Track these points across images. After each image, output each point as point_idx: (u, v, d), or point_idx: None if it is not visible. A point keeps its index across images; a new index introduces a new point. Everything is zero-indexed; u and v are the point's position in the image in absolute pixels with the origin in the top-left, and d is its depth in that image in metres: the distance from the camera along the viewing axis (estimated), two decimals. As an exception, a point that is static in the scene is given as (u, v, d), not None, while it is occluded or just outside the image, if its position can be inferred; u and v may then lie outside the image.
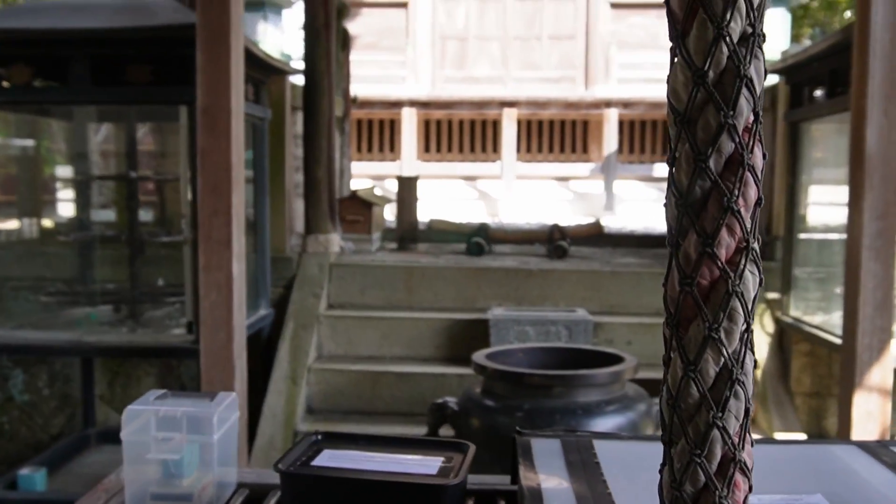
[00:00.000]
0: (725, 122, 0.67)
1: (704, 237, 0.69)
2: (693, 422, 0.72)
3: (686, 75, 0.69)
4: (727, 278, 0.70)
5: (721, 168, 0.69)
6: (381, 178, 10.96)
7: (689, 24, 0.68)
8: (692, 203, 0.70)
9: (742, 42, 0.68)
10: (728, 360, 0.70)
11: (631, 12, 11.86)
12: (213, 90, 3.28)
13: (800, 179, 4.78)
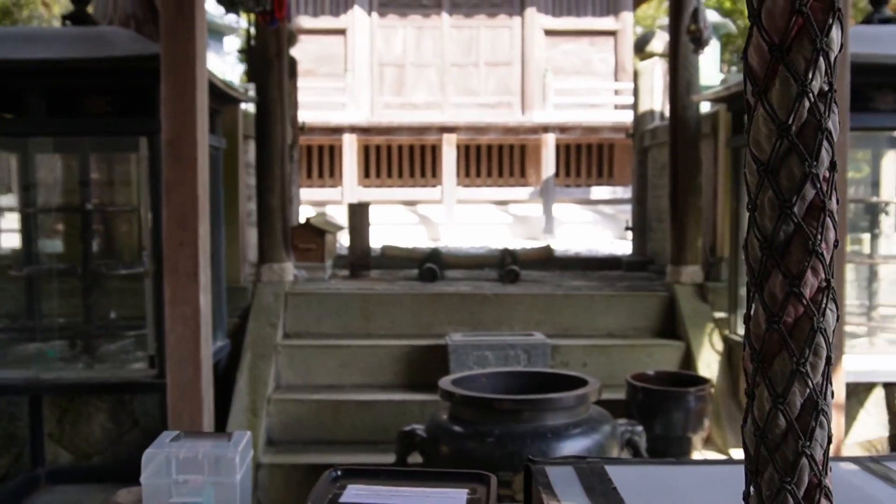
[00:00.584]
0: (809, 171, 0.73)
1: (791, 278, 0.75)
2: (780, 451, 0.77)
3: (770, 128, 0.75)
4: (812, 315, 0.75)
5: (803, 213, 0.75)
6: (322, 205, 10.94)
7: (771, 80, 0.74)
8: (777, 246, 0.75)
9: (821, 97, 0.74)
10: (813, 391, 0.75)
11: (564, 39, 12.14)
12: (178, 122, 3.25)
13: (742, 202, 4.95)
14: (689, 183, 5.39)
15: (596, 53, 12.20)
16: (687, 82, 5.40)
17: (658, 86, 6.77)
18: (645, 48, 6.83)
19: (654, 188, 6.68)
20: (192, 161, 3.27)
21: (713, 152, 5.56)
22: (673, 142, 5.48)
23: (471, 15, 11.98)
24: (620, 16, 12.16)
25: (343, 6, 11.73)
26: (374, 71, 11.83)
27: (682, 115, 5.41)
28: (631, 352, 4.90)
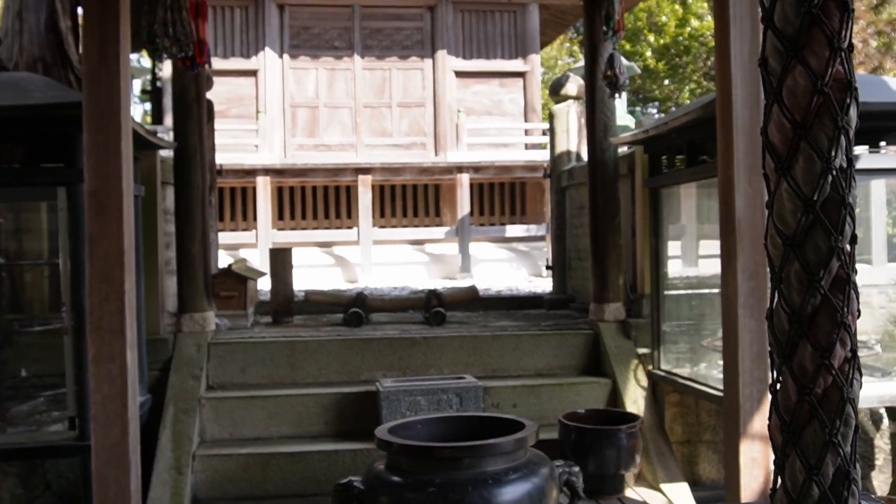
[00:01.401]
0: (835, 245, 0.75)
1: (821, 350, 0.76)
2: (815, 520, 0.77)
3: (794, 203, 0.77)
4: (841, 386, 0.77)
5: (829, 286, 0.76)
6: (236, 248, 10.72)
7: (794, 157, 0.76)
8: (804, 319, 0.77)
9: (842, 172, 0.76)
10: (844, 461, 0.77)
11: (474, 81, 12.33)
12: (102, 172, 3.14)
13: (662, 240, 5.10)
14: (609, 223, 5.51)
15: (506, 94, 12.43)
16: (604, 125, 5.55)
17: (573, 127, 6.93)
18: (560, 91, 6.99)
19: (573, 227, 6.80)
20: (118, 213, 3.16)
21: (630, 192, 5.70)
22: (592, 183, 5.60)
23: (382, 57, 12.06)
24: (528, 58, 12.44)
25: (254, 48, 11.63)
26: (287, 112, 11.74)
27: (600, 157, 5.55)
28: (559, 391, 4.94)
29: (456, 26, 12.17)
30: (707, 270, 5.25)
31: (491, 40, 12.37)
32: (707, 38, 16.70)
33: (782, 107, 0.77)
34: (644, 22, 17.65)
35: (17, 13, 5.45)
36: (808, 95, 0.76)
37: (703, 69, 17.98)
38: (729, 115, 3.61)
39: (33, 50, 5.40)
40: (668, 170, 4.93)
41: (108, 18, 3.17)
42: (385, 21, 12.03)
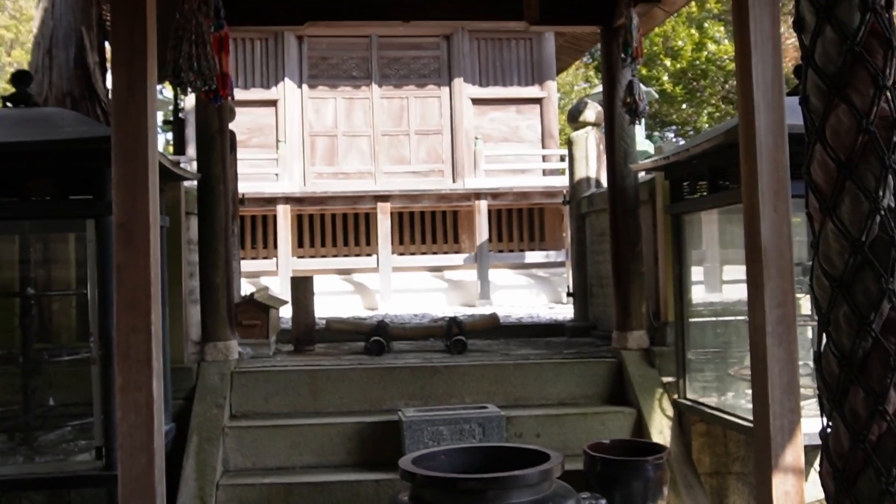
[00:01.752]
0: (885, 287, 0.75)
1: (874, 396, 0.75)
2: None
3: (842, 244, 0.77)
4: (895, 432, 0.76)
5: (881, 328, 0.76)
6: (256, 276, 10.77)
7: (840, 197, 0.76)
8: (856, 363, 0.76)
9: (890, 212, 0.76)
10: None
11: (491, 108, 12.39)
12: (129, 205, 3.17)
13: (685, 267, 5.07)
14: (631, 250, 5.50)
15: (523, 120, 12.47)
16: (624, 151, 5.56)
17: (592, 154, 6.94)
18: (578, 118, 7.01)
19: (594, 254, 6.79)
20: (145, 244, 3.18)
21: (652, 218, 5.69)
22: (613, 209, 5.60)
23: (400, 85, 12.15)
24: (545, 84, 12.49)
25: (274, 79, 11.76)
26: (307, 141, 11.84)
27: (620, 184, 5.55)
28: (583, 420, 4.91)
29: (472, 54, 12.26)
30: (732, 296, 5.22)
31: (507, 67, 12.44)
32: (725, 61, 16.71)
33: (826, 146, 0.78)
34: (660, 46, 17.69)
35: (48, 50, 5.55)
36: (853, 134, 0.76)
37: (721, 93, 17.97)
38: (752, 142, 3.60)
39: (62, 85, 5.49)
40: (690, 196, 4.91)
41: (136, 54, 3.21)
42: (402, 50, 12.13)
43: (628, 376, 5.16)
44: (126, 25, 3.22)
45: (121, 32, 3.23)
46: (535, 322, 7.22)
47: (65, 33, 5.48)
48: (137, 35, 3.23)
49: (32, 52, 5.76)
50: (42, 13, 5.57)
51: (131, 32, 3.22)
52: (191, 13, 4.00)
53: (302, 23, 5.31)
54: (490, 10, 5.57)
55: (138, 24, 3.22)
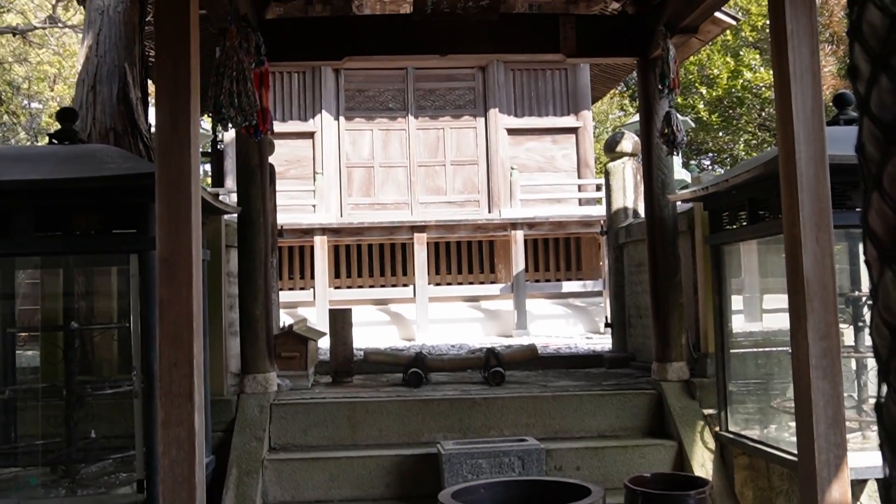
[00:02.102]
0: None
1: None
2: None
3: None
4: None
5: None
6: (293, 306, 10.84)
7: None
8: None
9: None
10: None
11: (527, 138, 12.41)
12: (172, 240, 3.22)
13: (725, 298, 5.02)
14: (670, 280, 5.45)
15: (559, 150, 12.47)
16: (661, 182, 5.53)
17: (630, 184, 6.91)
18: (615, 148, 7.00)
19: (632, 284, 6.74)
20: (188, 278, 3.22)
21: (690, 248, 5.65)
22: (651, 240, 5.56)
23: (436, 117, 12.24)
24: (580, 114, 12.50)
25: (311, 111, 11.92)
26: (343, 172, 11.95)
27: (658, 214, 5.52)
28: (623, 453, 4.85)
29: (508, 85, 12.31)
30: (773, 326, 5.14)
31: (542, 98, 12.47)
32: (761, 89, 16.60)
33: (883, 194, 0.77)
34: (696, 75, 17.63)
35: (92, 86, 5.68)
36: (912, 181, 0.75)
37: (758, 120, 17.84)
38: (793, 173, 3.57)
39: (105, 120, 5.61)
40: (730, 227, 4.87)
41: (180, 91, 3.28)
42: (438, 82, 12.23)
43: (669, 408, 5.10)
44: (170, 63, 3.29)
45: (165, 70, 3.30)
46: (574, 353, 7.17)
47: (108, 70, 5.61)
48: (181, 72, 3.29)
49: (76, 88, 5.90)
50: (86, 50, 5.71)
51: (175, 70, 3.29)
52: (232, 50, 4.08)
53: (340, 58, 5.38)
54: (527, 43, 5.60)
55: (182, 61, 3.29)
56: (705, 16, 4.98)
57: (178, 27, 3.32)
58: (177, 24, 3.31)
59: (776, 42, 3.68)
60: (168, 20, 3.32)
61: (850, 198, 4.11)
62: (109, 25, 5.66)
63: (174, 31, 3.31)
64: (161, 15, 3.33)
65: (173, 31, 3.31)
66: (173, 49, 3.31)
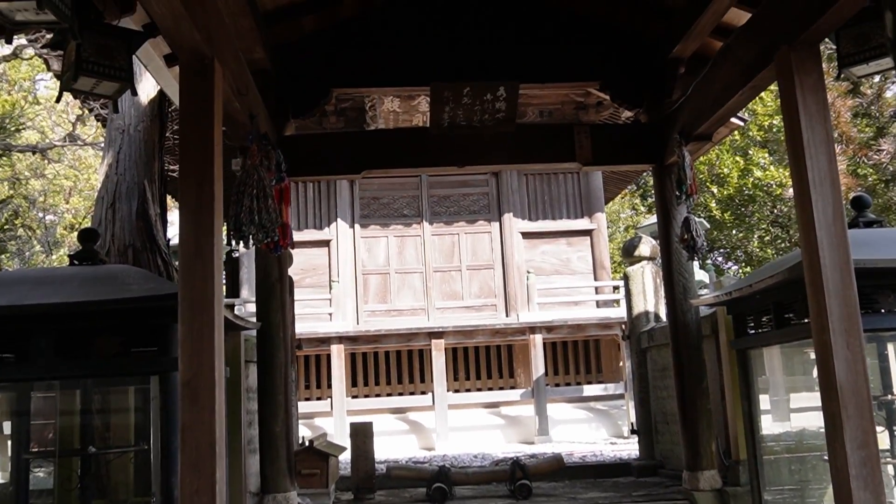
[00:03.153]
0: None
1: None
2: None
3: None
4: None
5: None
6: (311, 417, 10.69)
7: None
8: None
9: None
10: None
11: (542, 241, 12.46)
12: (195, 362, 3.18)
13: (754, 403, 4.89)
14: (697, 386, 5.34)
15: (574, 252, 12.50)
16: (683, 287, 5.49)
17: (650, 288, 6.87)
18: (633, 253, 6.99)
19: (657, 389, 6.61)
20: (210, 402, 3.17)
21: (716, 353, 5.55)
22: (675, 345, 5.48)
23: (451, 222, 12.33)
24: (594, 216, 12.58)
25: (327, 219, 12.05)
26: (359, 279, 11.98)
27: (681, 319, 5.45)
28: (659, 570, 4.65)
29: (521, 189, 12.45)
30: (805, 428, 5.00)
31: (556, 201, 12.58)
32: (771, 187, 16.71)
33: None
34: (706, 174, 17.81)
35: (111, 204, 5.75)
36: None
37: (770, 217, 17.89)
38: (819, 279, 3.53)
39: (125, 237, 5.66)
40: (755, 331, 4.79)
41: (204, 212, 3.30)
42: (452, 188, 12.38)
43: (703, 522, 4.91)
44: (194, 185, 3.32)
45: (189, 192, 3.32)
46: (600, 462, 6.97)
47: (128, 187, 5.69)
48: (205, 194, 3.32)
49: (96, 206, 5.98)
50: (106, 168, 5.81)
51: (199, 192, 3.31)
52: (253, 169, 4.14)
53: (359, 171, 5.46)
54: (543, 153, 5.67)
55: (206, 183, 3.32)
56: (719, 123, 5.04)
57: (203, 150, 3.36)
58: (201, 148, 3.36)
59: (793, 150, 3.70)
60: (192, 143, 3.37)
61: (876, 301, 4.04)
62: (129, 144, 5.78)
63: (198, 153, 3.36)
64: (186, 138, 3.39)
65: (197, 153, 3.36)
66: (198, 171, 3.35)
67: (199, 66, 3.43)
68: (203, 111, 3.40)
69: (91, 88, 3.77)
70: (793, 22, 3.65)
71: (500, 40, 5.51)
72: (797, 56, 3.66)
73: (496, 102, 5.21)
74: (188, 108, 3.43)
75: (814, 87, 3.66)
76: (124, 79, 3.63)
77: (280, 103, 5.31)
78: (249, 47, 4.68)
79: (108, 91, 3.79)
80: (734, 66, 4.36)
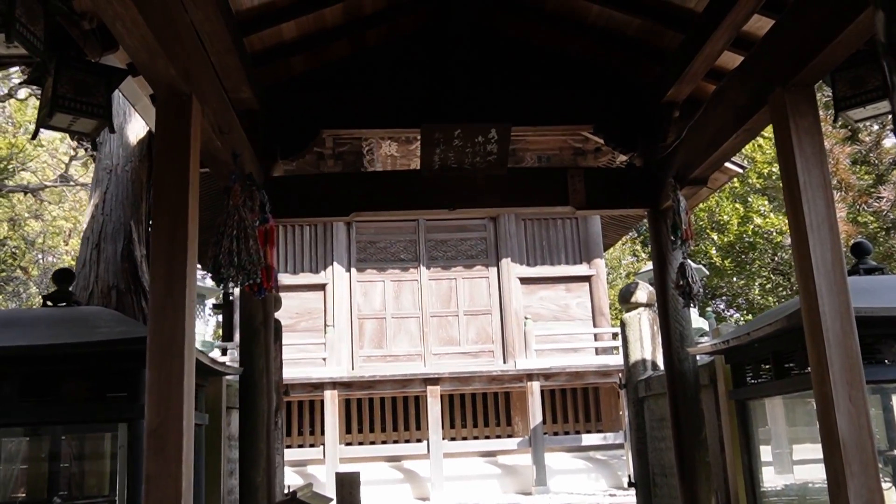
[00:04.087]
0: None
1: None
2: None
3: None
4: None
5: None
6: (303, 464, 10.46)
7: None
8: None
9: None
10: None
11: (540, 287, 12.33)
12: (163, 409, 3.03)
13: (755, 456, 4.71)
14: (695, 438, 5.16)
15: (573, 299, 12.35)
16: (679, 334, 5.34)
17: (647, 335, 6.71)
18: (630, 299, 6.85)
19: (654, 440, 6.42)
20: (177, 452, 3.01)
21: (714, 403, 5.37)
22: (672, 394, 5.32)
23: (448, 267, 12.22)
24: (593, 262, 12.46)
25: (323, 263, 11.94)
26: (355, 324, 11.83)
27: (678, 368, 5.29)
28: None
29: (519, 235, 12.36)
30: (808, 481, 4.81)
31: (554, 246, 12.48)
32: (772, 234, 16.61)
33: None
34: (706, 221, 17.73)
35: (96, 244, 5.65)
36: None
37: (771, 264, 17.77)
38: (818, 328, 3.38)
39: (108, 278, 5.54)
40: (754, 381, 4.63)
41: (177, 253, 3.18)
42: (449, 233, 12.30)
43: (701, 582, 4.69)
44: (168, 225, 3.20)
45: (162, 232, 3.20)
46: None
47: (114, 228, 5.59)
48: (179, 235, 3.20)
49: (81, 246, 5.87)
50: (92, 209, 5.71)
51: (173, 232, 3.19)
52: (234, 209, 4.02)
53: (348, 213, 5.35)
54: (536, 196, 5.56)
55: (180, 225, 3.20)
56: (714, 167, 4.94)
57: (178, 190, 3.25)
58: (176, 186, 3.25)
59: (790, 194, 3.58)
60: (167, 181, 3.26)
61: (879, 351, 3.89)
62: (117, 184, 5.69)
63: (173, 192, 3.25)
64: (160, 176, 3.28)
65: (172, 192, 3.25)
66: (171, 210, 3.23)
67: (176, 103, 3.33)
68: (179, 149, 3.30)
69: (68, 125, 3.68)
70: (786, 63, 3.56)
71: (492, 83, 5.44)
72: (791, 98, 3.56)
73: (488, 145, 5.12)
74: (164, 146, 3.32)
75: (809, 130, 3.55)
76: (102, 116, 3.54)
77: (268, 143, 5.21)
78: (235, 86, 4.60)
79: (85, 128, 3.69)
80: (727, 110, 4.27)
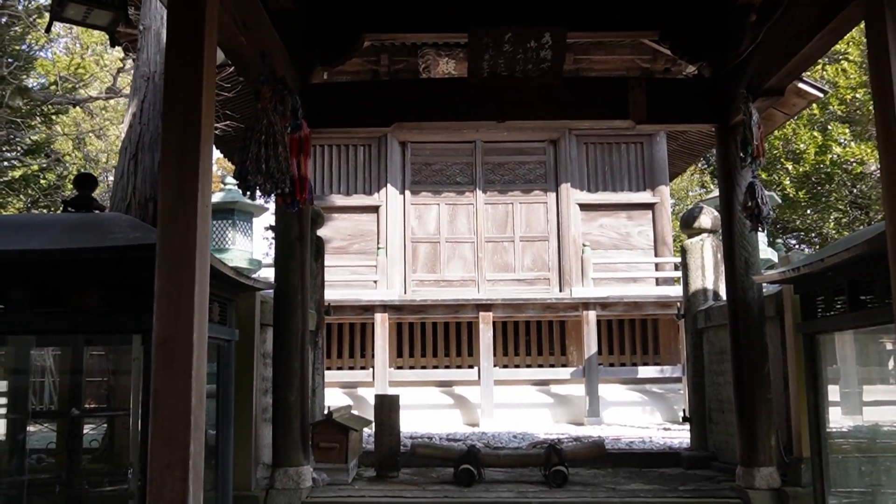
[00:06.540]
0: None
1: None
2: None
3: None
4: None
5: None
6: (353, 386, 10.40)
7: None
8: None
9: None
10: None
11: (600, 213, 11.89)
12: (172, 320, 2.81)
13: (822, 395, 4.34)
14: (757, 373, 4.80)
15: (634, 227, 11.89)
16: (745, 261, 4.95)
17: (709, 263, 6.30)
18: (693, 224, 6.42)
19: (713, 374, 6.07)
20: (187, 366, 2.80)
21: (780, 336, 5.00)
22: (734, 326, 4.95)
23: (505, 191, 11.85)
24: (657, 189, 11.93)
25: (376, 185, 11.67)
26: (408, 248, 11.61)
27: (742, 297, 4.91)
28: (703, 576, 4.17)
29: (580, 159, 11.87)
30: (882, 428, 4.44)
31: (617, 172, 11.98)
32: (852, 165, 15.72)
33: None
34: (781, 150, 16.88)
35: (133, 154, 5.46)
36: None
37: (849, 197, 16.90)
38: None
39: (146, 190, 5.36)
40: (826, 313, 4.23)
41: (188, 155, 2.91)
42: (507, 156, 11.88)
43: (757, 524, 4.40)
44: (179, 119, 2.92)
45: (172, 128, 2.93)
46: (647, 451, 6.45)
47: (152, 138, 5.38)
48: (190, 131, 2.92)
49: (119, 156, 5.70)
50: (130, 118, 5.51)
51: (183, 128, 2.92)
52: (262, 112, 3.74)
53: (389, 124, 5.03)
54: (593, 108, 5.15)
55: (191, 117, 2.92)
56: (792, 76, 4.46)
57: (189, 84, 2.97)
58: (187, 80, 2.96)
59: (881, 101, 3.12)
60: (178, 75, 2.98)
61: None
62: (154, 92, 5.45)
63: (183, 86, 2.96)
64: (171, 69, 3.00)
65: (182, 86, 2.96)
66: (182, 104, 2.95)
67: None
68: (191, 40, 3.00)
69: (83, 17, 3.43)
70: (887, -55, 3.07)
71: (548, -18, 4.98)
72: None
73: (541, 51, 4.71)
74: (175, 36, 3.03)
75: (909, 25, 3.08)
76: (117, 6, 3.26)
77: (306, 48, 4.89)
78: (268, -19, 4.27)
79: (101, 21, 3.44)
80: (812, 6, 3.78)
